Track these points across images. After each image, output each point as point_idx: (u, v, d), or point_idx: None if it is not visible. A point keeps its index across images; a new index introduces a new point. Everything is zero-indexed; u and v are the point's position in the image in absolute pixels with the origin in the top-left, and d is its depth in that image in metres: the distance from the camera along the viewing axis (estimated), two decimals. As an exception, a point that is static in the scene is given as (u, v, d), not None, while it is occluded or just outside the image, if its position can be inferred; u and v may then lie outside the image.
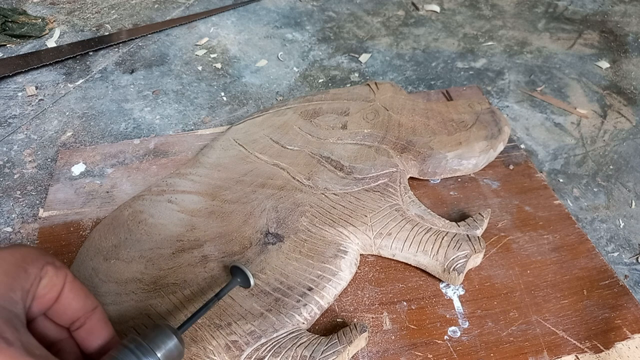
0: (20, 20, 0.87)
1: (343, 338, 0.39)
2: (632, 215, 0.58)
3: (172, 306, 0.41)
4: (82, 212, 0.52)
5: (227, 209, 0.49)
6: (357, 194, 0.50)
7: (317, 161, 0.54)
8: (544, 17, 0.97)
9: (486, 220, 0.49)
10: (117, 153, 0.60)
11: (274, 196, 0.50)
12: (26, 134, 0.66)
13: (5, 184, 0.59)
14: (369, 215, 0.48)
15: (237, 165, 0.54)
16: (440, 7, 1.00)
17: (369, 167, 0.53)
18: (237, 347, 0.38)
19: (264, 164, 0.54)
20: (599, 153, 0.66)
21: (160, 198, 0.51)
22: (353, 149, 0.56)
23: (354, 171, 0.53)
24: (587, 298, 0.45)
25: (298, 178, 0.52)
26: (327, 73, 0.80)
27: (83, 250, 0.47)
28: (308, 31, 0.91)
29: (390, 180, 0.52)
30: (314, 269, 0.44)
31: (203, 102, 0.73)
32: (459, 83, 0.78)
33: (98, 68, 0.79)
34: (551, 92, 0.77)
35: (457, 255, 0.44)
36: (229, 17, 0.94)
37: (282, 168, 0.54)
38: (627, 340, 0.42)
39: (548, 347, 0.42)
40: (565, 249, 0.50)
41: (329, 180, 0.52)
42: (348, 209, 0.49)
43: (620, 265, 0.53)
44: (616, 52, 0.87)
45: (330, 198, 0.50)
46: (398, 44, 0.88)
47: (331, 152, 0.55)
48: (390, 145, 0.56)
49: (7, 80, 0.75)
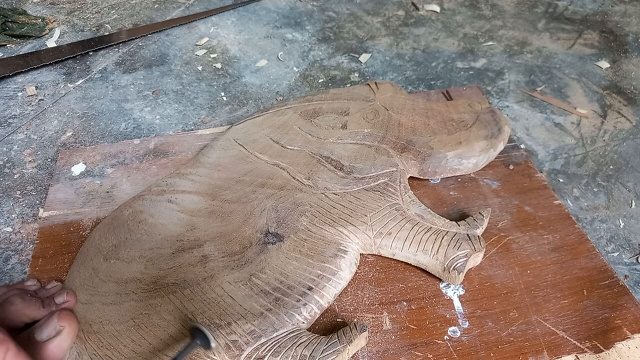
0: (20, 20, 0.87)
1: (343, 337, 0.39)
2: (632, 215, 0.58)
3: (172, 306, 0.41)
4: (82, 212, 0.52)
5: (227, 208, 0.49)
6: (357, 193, 0.50)
7: (317, 161, 0.54)
8: (544, 17, 0.97)
9: (486, 220, 0.49)
10: (117, 153, 0.60)
11: (274, 196, 0.50)
12: (26, 134, 0.66)
13: (5, 184, 0.59)
14: (369, 215, 0.48)
15: (237, 165, 0.54)
16: (440, 7, 1.00)
17: (369, 167, 0.53)
18: (237, 347, 0.38)
19: (264, 163, 0.54)
20: (599, 153, 0.66)
21: (160, 198, 0.51)
22: (353, 149, 0.56)
23: (354, 171, 0.53)
24: (587, 298, 0.45)
25: (298, 178, 0.52)
26: (327, 73, 0.80)
27: (83, 250, 0.47)
28: (308, 31, 0.91)
29: (390, 179, 0.52)
30: (314, 268, 0.44)
31: (203, 102, 0.73)
32: (459, 83, 0.78)
33: (98, 68, 0.79)
34: (551, 92, 0.77)
35: (457, 254, 0.44)
36: (229, 17, 0.94)
37: (282, 168, 0.54)
38: (627, 340, 0.42)
39: (548, 347, 0.42)
40: (565, 249, 0.50)
41: (329, 180, 0.52)
42: (348, 209, 0.49)
43: (620, 265, 0.52)
44: (616, 52, 0.87)
45: (330, 198, 0.50)
46: (398, 44, 0.88)
47: (331, 152, 0.55)
48: (390, 144, 0.56)
49: (7, 80, 0.75)
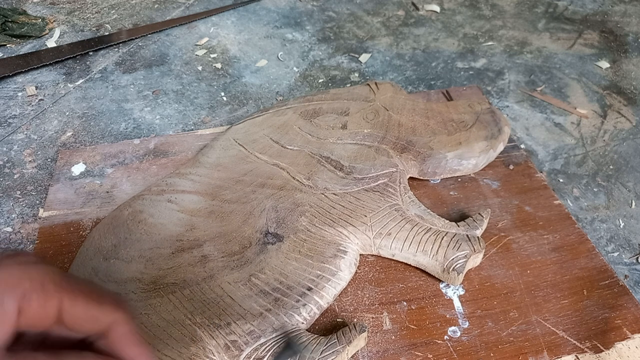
0: (20, 20, 0.87)
1: (342, 338, 0.39)
2: (632, 215, 0.58)
3: (172, 306, 0.41)
4: (82, 212, 0.52)
5: (226, 208, 0.49)
6: (357, 194, 0.50)
7: (317, 161, 0.54)
8: (544, 17, 0.97)
9: (486, 221, 0.48)
10: (117, 153, 0.60)
11: (273, 196, 0.50)
12: (26, 134, 0.66)
13: (5, 184, 0.59)
14: (368, 215, 0.48)
15: (237, 165, 0.54)
16: (440, 7, 0.99)
17: (369, 167, 0.53)
18: (236, 347, 0.38)
19: (263, 163, 0.54)
20: (599, 153, 0.66)
21: (160, 198, 0.51)
22: (353, 149, 0.56)
23: (354, 171, 0.53)
24: (587, 298, 0.45)
25: (298, 178, 0.52)
26: (327, 73, 0.80)
27: (83, 250, 0.47)
28: (308, 31, 0.91)
29: (390, 180, 0.52)
30: (313, 268, 0.43)
31: (203, 102, 0.73)
32: (459, 83, 0.78)
33: (98, 68, 0.79)
34: (551, 92, 0.77)
35: (457, 255, 0.44)
36: (229, 17, 0.94)
37: (282, 168, 0.54)
38: (627, 340, 0.42)
39: (548, 347, 0.42)
40: (565, 249, 0.50)
41: (329, 180, 0.52)
42: (348, 209, 0.49)
43: (620, 265, 0.52)
44: (616, 52, 0.87)
45: (330, 198, 0.50)
46: (398, 44, 0.88)
47: (331, 152, 0.55)
48: (390, 145, 0.56)
49: (7, 80, 0.75)
